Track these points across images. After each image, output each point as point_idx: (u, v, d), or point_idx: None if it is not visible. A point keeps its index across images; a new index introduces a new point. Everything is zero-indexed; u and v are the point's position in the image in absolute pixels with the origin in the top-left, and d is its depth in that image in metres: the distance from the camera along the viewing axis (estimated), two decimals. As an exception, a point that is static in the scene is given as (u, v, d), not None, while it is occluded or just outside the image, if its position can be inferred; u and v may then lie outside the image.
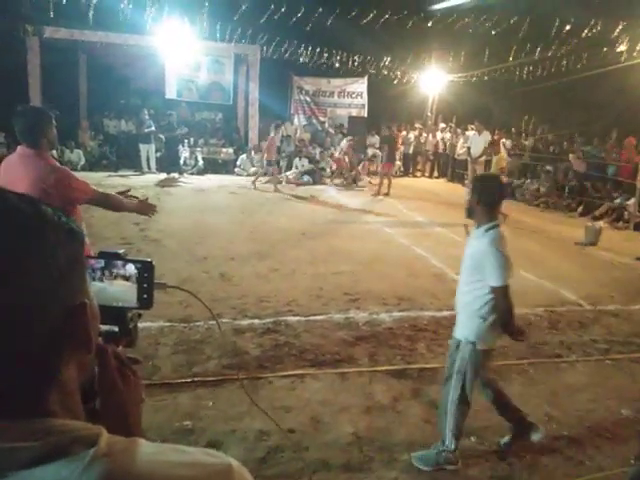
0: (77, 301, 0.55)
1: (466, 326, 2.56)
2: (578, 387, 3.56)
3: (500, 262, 2.47)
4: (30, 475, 0.46)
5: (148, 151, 13.04)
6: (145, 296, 0.79)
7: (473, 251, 2.61)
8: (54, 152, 2.69)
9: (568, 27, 12.07)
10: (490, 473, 2.65)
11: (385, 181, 11.93)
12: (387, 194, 11.87)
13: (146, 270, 0.78)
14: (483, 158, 11.67)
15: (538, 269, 6.25)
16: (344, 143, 14.04)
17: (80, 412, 0.57)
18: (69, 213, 2.74)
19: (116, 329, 0.82)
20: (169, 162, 13.28)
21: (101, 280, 0.81)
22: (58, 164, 2.75)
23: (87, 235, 2.85)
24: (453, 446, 2.60)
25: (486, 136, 11.59)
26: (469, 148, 11.86)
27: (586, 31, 11.65)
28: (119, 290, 0.80)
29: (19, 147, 2.63)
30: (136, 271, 0.78)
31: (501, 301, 2.49)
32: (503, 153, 10.56)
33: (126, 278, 0.79)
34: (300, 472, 2.54)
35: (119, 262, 0.79)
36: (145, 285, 0.78)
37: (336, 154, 14.21)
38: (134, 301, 0.80)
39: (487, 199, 2.61)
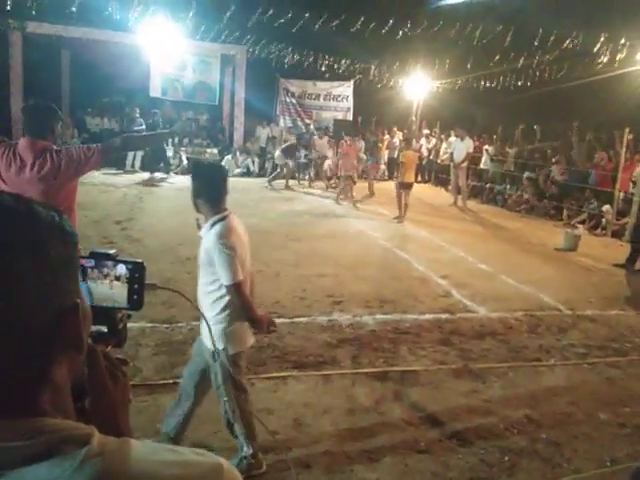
0: (69, 301, 0.55)
1: (214, 333, 2.30)
2: (557, 390, 3.62)
3: (226, 259, 2.27)
4: (22, 474, 0.46)
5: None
6: (135, 297, 0.79)
7: (205, 247, 2.40)
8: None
9: (552, 38, 12.29)
10: (470, 475, 2.68)
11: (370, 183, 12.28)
12: (372, 194, 12.13)
13: (137, 271, 0.77)
14: (465, 164, 11.83)
15: (518, 274, 6.35)
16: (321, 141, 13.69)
17: (71, 412, 0.57)
18: (70, 206, 2.77)
19: (105, 329, 0.82)
20: (154, 161, 13.16)
21: (92, 280, 0.81)
22: (59, 148, 2.79)
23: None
24: (251, 450, 2.49)
25: (468, 142, 11.75)
26: (452, 154, 12.00)
27: (568, 41, 11.88)
28: (109, 291, 0.80)
29: (24, 138, 2.69)
30: (127, 272, 0.78)
31: (236, 299, 2.33)
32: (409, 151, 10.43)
33: (117, 278, 0.78)
34: (284, 474, 2.54)
35: (109, 262, 0.79)
36: (136, 286, 0.78)
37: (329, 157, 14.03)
38: (124, 302, 0.79)
39: (208, 191, 2.42)
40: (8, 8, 11.62)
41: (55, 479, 0.46)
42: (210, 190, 2.43)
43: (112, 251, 0.82)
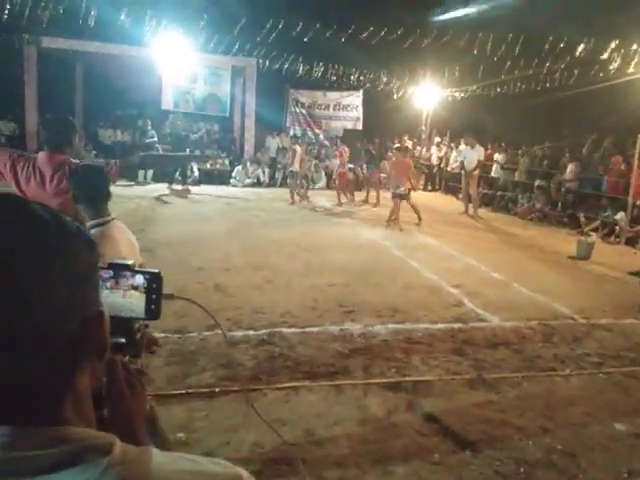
0: (93, 310, 0.56)
1: None
2: (572, 400, 3.57)
3: None
4: None
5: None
6: (153, 307, 0.80)
7: None
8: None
9: (562, 45, 12.26)
10: (485, 487, 2.64)
11: (373, 192, 12.29)
12: (377, 204, 12.12)
13: (154, 281, 0.79)
14: (477, 172, 11.79)
15: (531, 282, 6.29)
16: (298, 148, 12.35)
17: (92, 420, 0.58)
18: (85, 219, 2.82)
19: (123, 340, 0.83)
20: (163, 173, 13.29)
21: (109, 290, 0.82)
22: (77, 161, 2.86)
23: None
24: None
25: (479, 150, 11.72)
26: (462, 162, 11.97)
27: (580, 48, 11.84)
28: (127, 301, 0.81)
29: (43, 152, 2.74)
30: (144, 282, 0.79)
31: None
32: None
33: (134, 288, 0.80)
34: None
35: (128, 273, 0.80)
36: (153, 296, 0.79)
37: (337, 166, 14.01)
38: (142, 312, 0.81)
39: (87, 193, 2.31)
40: (24, 23, 11.86)
41: None
42: (89, 194, 2.28)
43: (130, 262, 0.83)
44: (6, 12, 11.23)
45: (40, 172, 2.69)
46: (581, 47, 12.09)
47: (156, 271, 0.79)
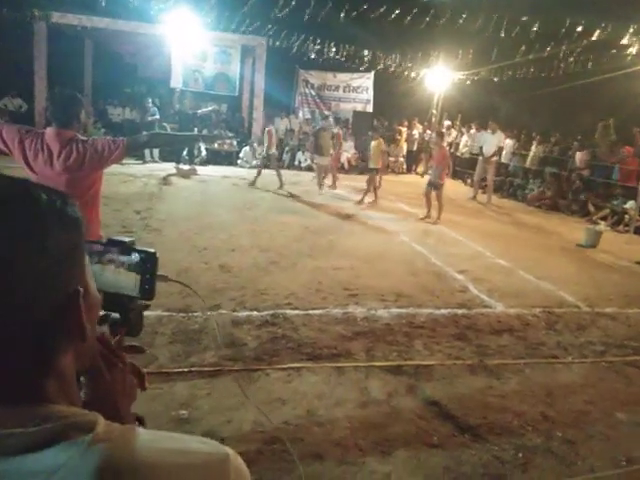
0: (70, 289, 0.55)
1: None
2: (573, 388, 3.57)
3: None
4: (27, 460, 0.46)
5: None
6: (147, 286, 0.79)
7: None
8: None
9: (578, 29, 11.99)
10: (483, 471, 2.66)
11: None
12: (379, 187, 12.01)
13: (149, 261, 0.77)
14: (495, 158, 11.65)
15: (538, 270, 6.26)
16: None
17: (77, 400, 0.58)
18: (94, 197, 2.80)
19: (116, 315, 0.82)
20: (170, 151, 13.26)
21: (103, 265, 0.81)
22: (85, 138, 2.83)
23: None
24: None
25: (500, 135, 11.54)
26: (481, 147, 11.82)
27: (597, 33, 11.57)
28: (121, 278, 0.80)
29: (51, 128, 2.72)
30: (139, 261, 0.78)
31: None
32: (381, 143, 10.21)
33: (128, 266, 0.79)
34: (296, 464, 2.56)
35: (115, 249, 0.79)
36: (147, 276, 0.78)
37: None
38: (133, 290, 0.80)
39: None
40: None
41: (61, 465, 0.46)
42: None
43: (128, 239, 0.82)
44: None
45: (48, 148, 2.69)
46: (598, 32, 11.82)
47: (152, 251, 0.78)
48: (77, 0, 12.39)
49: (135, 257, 0.78)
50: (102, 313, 0.86)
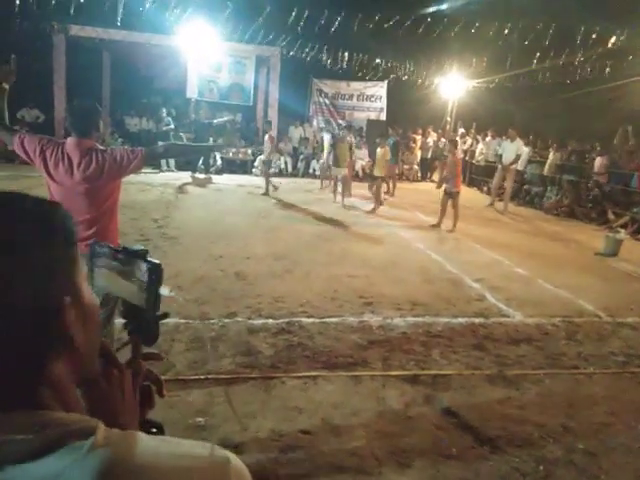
0: (58, 300, 0.55)
1: None
2: (595, 399, 3.50)
3: None
4: (28, 468, 0.46)
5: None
6: (151, 298, 0.78)
7: None
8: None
9: (594, 35, 11.90)
10: (503, 483, 2.61)
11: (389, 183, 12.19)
12: (392, 194, 11.97)
13: (154, 272, 0.77)
14: (514, 166, 11.55)
15: (556, 278, 6.18)
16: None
17: (77, 407, 0.58)
18: (106, 212, 2.82)
19: (134, 323, 0.83)
20: (186, 161, 13.41)
21: (116, 272, 0.82)
22: (104, 148, 2.88)
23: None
24: None
25: (518, 143, 11.44)
26: (501, 155, 11.73)
27: (613, 39, 11.47)
28: (130, 286, 0.80)
29: (71, 138, 2.77)
30: (146, 271, 0.78)
31: None
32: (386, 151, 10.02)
33: (138, 276, 0.79)
34: (312, 473, 2.54)
35: (136, 259, 0.79)
36: (152, 287, 0.78)
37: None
38: (142, 301, 0.80)
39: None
40: (52, 11, 12.03)
41: (61, 471, 0.46)
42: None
43: (140, 248, 0.81)
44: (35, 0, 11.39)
45: (68, 157, 2.73)
46: (613, 38, 11.72)
47: (156, 262, 0.78)
48: (95, 13, 12.63)
49: (144, 268, 0.78)
50: (124, 321, 0.86)
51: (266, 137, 11.46)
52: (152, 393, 0.83)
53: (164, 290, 0.82)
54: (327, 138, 13.00)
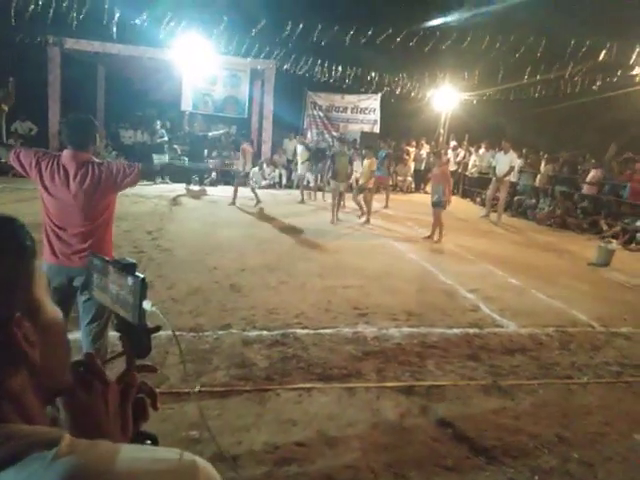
0: (8, 314, 0.55)
1: None
2: (589, 409, 3.50)
3: None
4: None
5: (161, 161, 13.21)
6: (136, 312, 0.79)
7: None
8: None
9: (584, 49, 12.09)
10: (498, 494, 2.60)
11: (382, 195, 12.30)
12: (385, 206, 12.04)
13: (138, 286, 0.78)
14: (508, 177, 11.63)
15: (550, 289, 6.21)
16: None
17: (43, 421, 0.58)
18: (102, 224, 2.82)
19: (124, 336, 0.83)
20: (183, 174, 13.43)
21: (107, 285, 0.82)
22: (100, 161, 2.89)
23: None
24: None
25: (512, 155, 11.54)
26: (494, 167, 11.82)
27: (603, 53, 11.64)
28: (118, 299, 0.81)
29: (67, 150, 2.78)
30: (132, 284, 0.78)
31: None
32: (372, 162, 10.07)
33: (126, 289, 0.79)
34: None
35: (124, 271, 0.80)
36: (137, 301, 0.78)
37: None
38: (128, 314, 0.80)
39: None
40: (48, 25, 12.09)
41: None
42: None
43: (129, 261, 0.82)
44: (30, 12, 11.45)
45: (65, 170, 2.74)
46: (604, 52, 11.90)
47: (141, 276, 0.79)
48: (90, 26, 12.70)
49: (130, 281, 0.79)
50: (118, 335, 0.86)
51: (241, 149, 11.51)
52: (146, 405, 0.83)
53: (146, 304, 0.83)
54: (300, 150, 13.18)
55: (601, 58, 11.80)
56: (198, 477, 0.53)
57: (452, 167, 16.00)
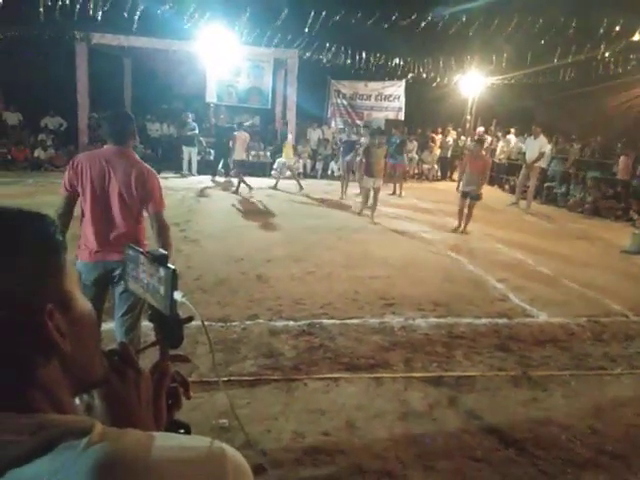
0: (40, 306, 0.56)
1: None
2: (623, 401, 3.42)
3: None
4: (25, 470, 0.47)
5: (190, 154, 13.34)
6: (169, 302, 0.80)
7: None
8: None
9: (617, 29, 11.64)
10: (529, 486, 2.58)
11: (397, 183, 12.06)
12: (399, 195, 11.86)
13: (169, 277, 0.79)
14: (538, 164, 11.33)
15: (581, 277, 6.06)
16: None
17: (71, 409, 0.59)
18: (138, 219, 2.86)
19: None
20: (207, 164, 13.59)
21: (140, 275, 0.84)
22: (144, 164, 2.95)
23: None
24: None
25: (542, 140, 11.22)
26: (524, 154, 11.55)
27: (638, 32, 11.20)
28: (151, 290, 0.82)
29: (109, 146, 2.85)
30: (164, 275, 0.80)
31: None
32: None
33: (158, 280, 0.81)
34: (335, 475, 2.54)
35: (155, 264, 0.81)
36: (169, 292, 0.80)
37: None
38: (160, 305, 0.82)
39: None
40: (74, 21, 12.29)
41: (57, 469, 0.47)
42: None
43: (161, 252, 0.83)
44: (58, 9, 11.65)
45: (108, 166, 2.80)
46: (638, 31, 11.45)
47: (172, 267, 0.80)
48: (115, 20, 12.85)
49: (161, 272, 0.80)
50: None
51: (234, 136, 11.39)
52: (179, 394, 0.85)
53: (177, 295, 0.84)
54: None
55: (636, 38, 11.35)
56: (226, 465, 0.53)
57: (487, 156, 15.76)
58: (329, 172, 14.91)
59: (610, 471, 2.71)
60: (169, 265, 0.80)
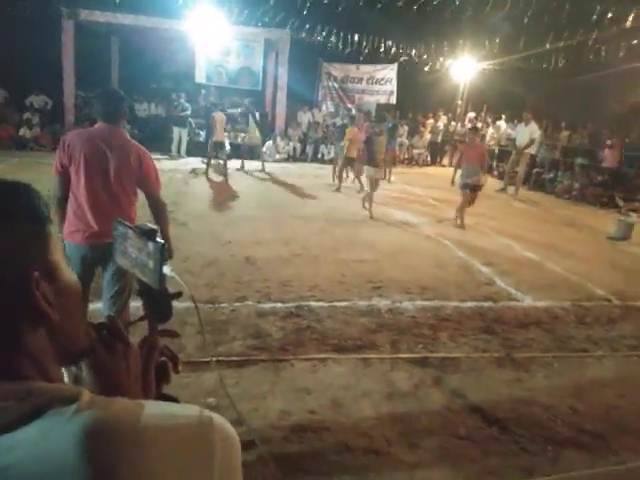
0: (26, 273, 0.56)
1: None
2: (604, 382, 3.50)
3: None
4: (13, 436, 0.47)
5: (180, 134, 13.17)
6: (158, 277, 0.81)
7: None
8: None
9: (609, 15, 11.62)
10: (510, 462, 2.64)
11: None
12: (388, 180, 11.53)
13: (158, 251, 0.79)
14: (528, 150, 11.36)
15: (566, 262, 6.15)
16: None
17: (58, 378, 0.60)
18: (132, 199, 2.86)
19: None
20: (196, 146, 13.43)
21: (128, 249, 0.84)
22: (138, 144, 2.94)
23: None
24: None
25: (533, 127, 11.23)
26: (514, 140, 11.56)
27: (631, 18, 11.19)
28: (143, 265, 0.82)
29: (99, 123, 2.83)
30: (153, 249, 0.80)
31: None
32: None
33: (147, 254, 0.81)
34: (322, 451, 2.58)
35: (144, 238, 0.81)
36: (157, 266, 0.80)
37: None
38: (150, 279, 0.82)
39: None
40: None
41: (46, 434, 0.47)
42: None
43: (151, 227, 0.83)
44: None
45: (100, 144, 2.77)
46: (631, 17, 11.45)
47: (161, 242, 0.80)
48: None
49: (150, 247, 0.80)
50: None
51: (211, 117, 11.11)
52: (168, 368, 0.85)
53: (166, 269, 0.84)
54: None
55: (628, 24, 11.35)
56: (214, 434, 0.54)
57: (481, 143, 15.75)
58: (319, 155, 14.84)
59: (590, 450, 2.79)
60: (158, 239, 0.80)
